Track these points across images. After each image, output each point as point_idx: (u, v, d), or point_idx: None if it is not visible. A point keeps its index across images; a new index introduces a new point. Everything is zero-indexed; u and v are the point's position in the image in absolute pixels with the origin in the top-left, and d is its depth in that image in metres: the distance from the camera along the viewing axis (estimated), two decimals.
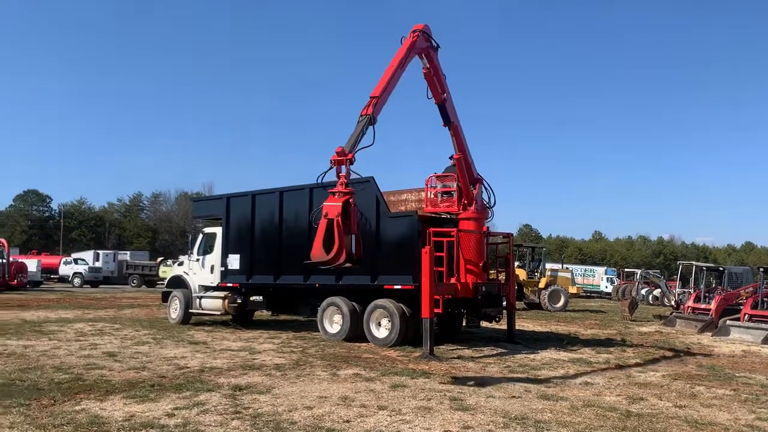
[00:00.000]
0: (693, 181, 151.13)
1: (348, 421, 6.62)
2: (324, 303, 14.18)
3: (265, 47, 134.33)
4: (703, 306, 20.27)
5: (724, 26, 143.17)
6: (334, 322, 14.03)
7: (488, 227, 14.12)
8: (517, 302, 17.61)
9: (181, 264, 18.52)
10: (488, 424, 6.64)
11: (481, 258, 13.45)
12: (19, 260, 38.59)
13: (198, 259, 17.18)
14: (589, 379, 9.71)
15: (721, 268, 27.41)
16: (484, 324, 14.84)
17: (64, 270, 47.07)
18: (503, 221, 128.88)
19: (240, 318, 16.97)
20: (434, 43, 12.30)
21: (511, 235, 15.58)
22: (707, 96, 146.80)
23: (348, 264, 8.97)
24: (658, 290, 37.02)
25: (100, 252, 50.58)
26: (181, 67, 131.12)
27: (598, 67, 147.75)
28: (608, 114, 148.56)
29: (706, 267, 26.64)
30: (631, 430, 6.63)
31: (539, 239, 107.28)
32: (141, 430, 6.14)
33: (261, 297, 15.89)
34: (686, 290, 28.11)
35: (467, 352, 12.59)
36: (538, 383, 9.21)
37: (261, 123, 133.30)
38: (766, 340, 15.67)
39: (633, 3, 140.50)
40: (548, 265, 34.10)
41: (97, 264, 47.87)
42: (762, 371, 11.21)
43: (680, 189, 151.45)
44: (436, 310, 11.60)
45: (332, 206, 8.91)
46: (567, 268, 41.00)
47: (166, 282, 19.33)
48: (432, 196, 14.14)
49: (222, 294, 16.24)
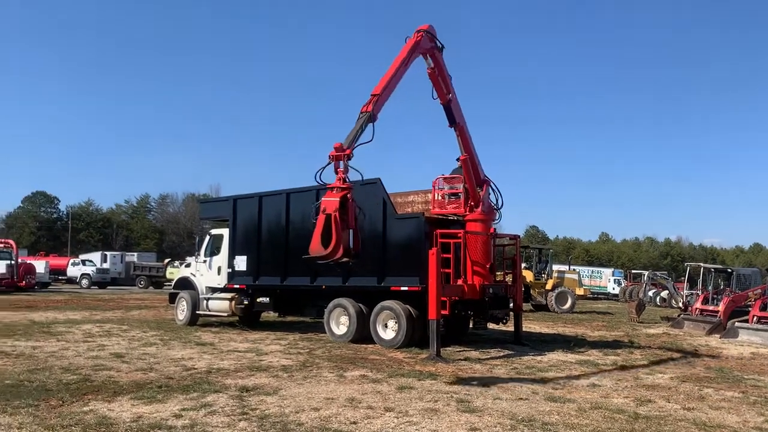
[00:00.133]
0: (701, 183, 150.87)
1: (355, 423, 6.62)
2: (330, 304, 14.19)
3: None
4: (711, 308, 20.18)
5: (727, 25, 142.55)
6: (340, 324, 14.04)
7: (495, 229, 14.10)
8: (523, 304, 17.56)
9: (188, 265, 18.59)
10: (495, 426, 6.62)
11: (488, 259, 13.42)
12: (28, 261, 38.83)
13: (205, 261, 17.22)
14: (596, 381, 9.67)
15: (729, 270, 27.24)
16: (490, 326, 14.81)
17: (72, 271, 47.31)
18: (510, 223, 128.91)
19: (247, 319, 17.00)
20: (439, 44, 12.31)
21: (518, 236, 15.55)
22: (715, 97, 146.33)
23: (345, 259, 8.98)
24: (666, 292, 36.78)
25: (108, 253, 50.85)
26: (187, 68, 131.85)
27: (604, 66, 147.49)
28: (615, 115, 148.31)
29: (714, 268, 26.50)
30: None
31: (546, 241, 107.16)
32: (148, 431, 6.17)
33: (268, 298, 15.92)
34: (694, 292, 27.93)
35: (474, 353, 12.57)
36: (546, 385, 9.19)
37: (269, 123, 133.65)
38: None
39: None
40: (555, 267, 34.07)
41: (105, 265, 48.14)
42: None
43: (688, 190, 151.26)
44: (442, 312, 11.58)
45: (330, 201, 8.94)
46: (574, 269, 40.98)
47: (173, 283, 19.42)
48: (439, 197, 14.12)
49: (229, 295, 16.27)
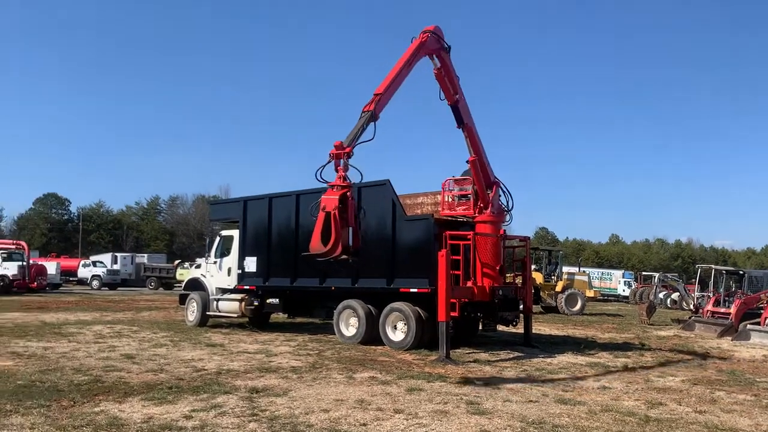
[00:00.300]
0: (712, 184, 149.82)
1: (364, 425, 6.62)
2: (340, 306, 14.20)
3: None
4: (722, 310, 20.05)
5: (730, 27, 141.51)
6: (349, 325, 14.04)
7: (505, 230, 14.05)
8: (533, 306, 17.51)
9: (198, 267, 18.64)
10: (505, 429, 6.60)
11: (498, 261, 13.38)
12: (39, 263, 39.16)
13: (215, 262, 17.28)
14: (606, 384, 9.62)
15: (740, 272, 27.08)
16: (500, 328, 14.76)
17: (83, 272, 47.56)
18: (520, 224, 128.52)
19: (256, 320, 17.05)
20: (445, 45, 12.31)
21: (528, 238, 15.51)
22: (726, 98, 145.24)
23: (345, 256, 9.02)
24: (677, 294, 36.57)
25: (118, 255, 51.04)
26: (187, 68, 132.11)
27: (615, 67, 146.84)
28: (626, 116, 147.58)
29: (725, 270, 26.32)
30: None
31: (556, 242, 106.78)
32: None
33: (277, 299, 15.94)
34: (705, 294, 27.77)
35: (484, 355, 12.54)
36: (556, 387, 9.15)
37: (269, 123, 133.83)
38: None
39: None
40: (565, 269, 33.92)
41: (115, 267, 48.33)
42: None
43: (699, 192, 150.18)
44: (452, 314, 11.56)
45: (330, 199, 8.99)
46: (584, 271, 40.75)
47: (183, 284, 19.48)
48: (448, 199, 14.09)
49: (239, 296, 16.31)
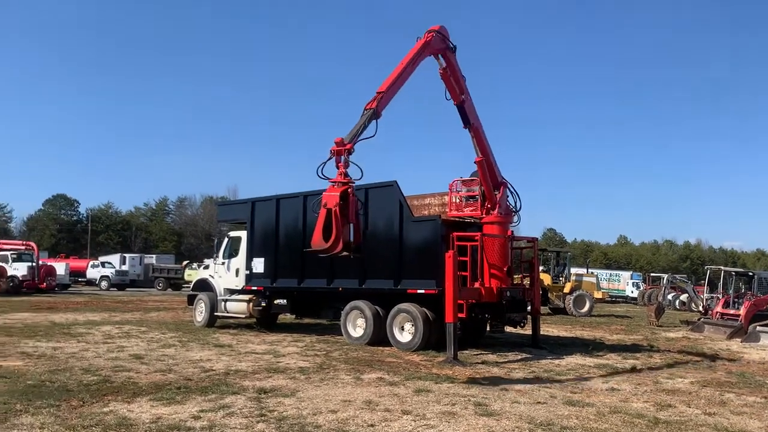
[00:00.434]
0: (721, 185, 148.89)
1: (372, 426, 6.62)
2: (347, 307, 14.21)
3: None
4: (732, 311, 19.94)
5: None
6: (357, 326, 14.05)
7: (513, 231, 14.02)
8: (541, 307, 17.45)
9: (206, 267, 18.72)
10: (513, 430, 6.58)
11: (506, 262, 13.34)
12: (48, 263, 39.41)
13: (223, 263, 17.34)
14: (615, 385, 9.58)
15: (750, 273, 26.90)
16: (508, 329, 14.73)
17: (92, 273, 47.83)
18: (527, 225, 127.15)
19: (264, 321, 17.11)
20: (451, 44, 12.28)
21: (536, 239, 15.47)
22: (735, 100, 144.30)
23: (345, 252, 9.05)
24: (686, 295, 36.33)
25: (127, 255, 51.28)
26: (187, 68, 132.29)
27: (624, 67, 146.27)
28: (634, 117, 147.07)
29: (734, 272, 26.20)
30: None
31: (564, 243, 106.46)
32: None
33: (285, 300, 15.98)
34: (714, 295, 27.64)
35: (491, 357, 12.52)
36: (564, 389, 9.12)
37: (269, 123, 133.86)
38: None
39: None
40: (573, 270, 33.83)
41: (124, 267, 48.56)
42: None
43: (708, 193, 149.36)
44: (459, 315, 11.53)
45: (331, 196, 9.01)
46: (592, 272, 40.67)
47: (191, 285, 19.56)
48: (456, 200, 14.08)
49: (247, 297, 16.36)
